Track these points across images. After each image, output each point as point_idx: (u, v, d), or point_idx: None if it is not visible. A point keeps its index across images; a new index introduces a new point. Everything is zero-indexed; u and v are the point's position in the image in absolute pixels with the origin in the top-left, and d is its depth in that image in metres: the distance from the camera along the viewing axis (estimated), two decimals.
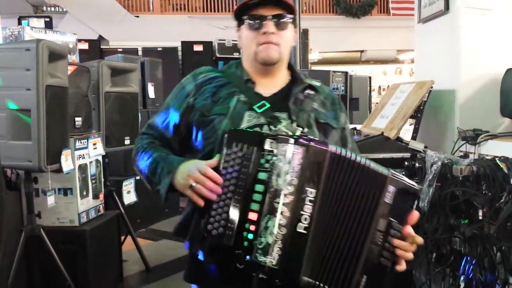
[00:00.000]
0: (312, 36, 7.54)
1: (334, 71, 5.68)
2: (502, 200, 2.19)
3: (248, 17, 1.48)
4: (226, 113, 1.43)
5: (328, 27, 11.18)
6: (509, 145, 2.46)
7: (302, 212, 1.21)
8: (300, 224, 1.21)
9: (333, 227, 1.24)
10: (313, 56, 11.33)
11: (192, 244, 1.40)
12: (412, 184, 1.30)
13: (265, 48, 1.47)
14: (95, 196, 3.39)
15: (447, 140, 2.98)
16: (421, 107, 2.98)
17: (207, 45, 8.28)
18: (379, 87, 12.47)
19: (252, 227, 1.21)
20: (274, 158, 1.23)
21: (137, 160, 1.52)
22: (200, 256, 1.36)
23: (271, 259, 1.19)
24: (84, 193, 3.25)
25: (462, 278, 2.34)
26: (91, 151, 3.35)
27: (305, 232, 1.21)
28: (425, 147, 2.80)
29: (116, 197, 3.93)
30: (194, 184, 1.28)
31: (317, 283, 1.23)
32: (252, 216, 1.22)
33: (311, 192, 1.22)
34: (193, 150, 1.50)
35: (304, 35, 6.07)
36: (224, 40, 8.19)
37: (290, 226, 1.20)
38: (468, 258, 2.32)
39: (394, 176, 1.28)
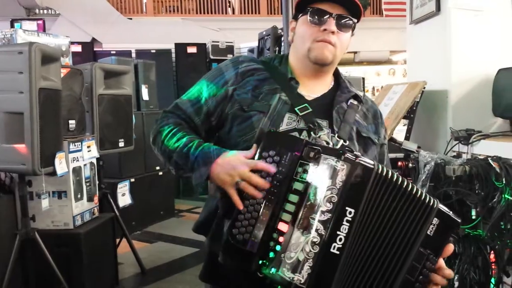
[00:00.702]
0: None
1: None
2: (495, 200, 2.21)
3: (312, 10, 1.36)
4: (267, 111, 1.34)
5: None
6: (501, 144, 2.48)
7: (338, 232, 1.13)
8: (334, 244, 1.12)
9: (367, 251, 1.17)
10: None
11: (213, 243, 1.32)
12: (456, 218, 1.23)
13: (322, 46, 1.37)
14: (90, 199, 3.38)
15: (440, 140, 2.99)
16: (414, 108, 3.00)
17: (201, 47, 8.27)
18: (373, 88, 12.48)
19: (281, 239, 1.14)
20: (314, 169, 1.15)
21: (160, 140, 1.38)
22: (220, 258, 1.26)
23: (299, 277, 1.12)
24: (79, 196, 3.24)
25: (456, 277, 2.35)
26: (85, 153, 3.34)
27: (338, 253, 1.13)
28: (418, 147, 2.82)
29: (111, 200, 3.92)
30: (240, 182, 1.19)
31: None
32: (282, 227, 1.15)
33: (350, 212, 1.13)
34: (222, 142, 1.39)
35: None
36: (218, 42, 8.19)
37: (324, 246, 1.12)
38: (462, 258, 2.34)
39: (441, 208, 1.21)
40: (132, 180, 5.05)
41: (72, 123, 3.30)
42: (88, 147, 3.37)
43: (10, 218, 3.06)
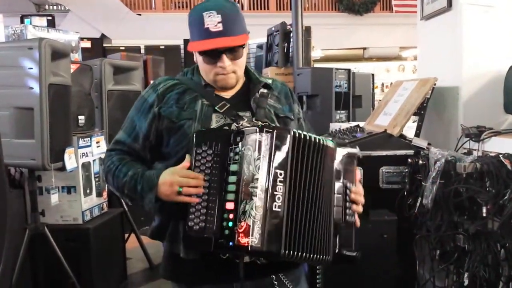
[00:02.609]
0: (315, 33, 7.51)
1: (337, 69, 5.64)
2: (506, 197, 2.18)
3: (203, 54, 1.51)
4: (194, 117, 1.49)
5: (331, 24, 11.16)
6: None
7: (275, 193, 1.29)
8: (274, 203, 1.29)
9: (303, 201, 1.35)
10: (315, 53, 11.29)
11: (172, 245, 1.49)
12: (354, 149, 1.51)
13: (223, 78, 1.52)
14: (99, 194, 3.40)
15: (451, 137, 2.97)
16: (424, 104, 2.97)
17: None
18: (382, 84, 12.44)
19: (231, 215, 1.29)
20: (242, 148, 1.32)
21: (111, 179, 1.53)
22: (182, 254, 1.43)
23: (254, 239, 1.25)
24: (88, 191, 3.26)
25: (466, 275, 2.34)
26: (95, 149, 3.36)
27: (279, 210, 1.29)
28: (429, 144, 2.79)
29: None
30: (181, 189, 1.35)
31: (299, 253, 1.32)
32: (229, 205, 1.30)
33: (280, 174, 1.30)
34: (165, 157, 1.54)
35: (306, 32, 6.04)
36: None
37: (266, 207, 1.27)
38: (472, 255, 2.32)
39: (339, 146, 1.46)
40: None
41: (81, 118, 3.31)
42: (97, 142, 3.38)
43: (20, 213, 3.08)
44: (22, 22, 8.03)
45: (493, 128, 2.67)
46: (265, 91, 1.62)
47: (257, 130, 1.32)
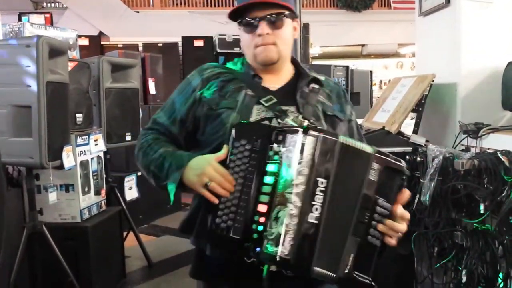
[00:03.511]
0: (313, 30, 7.51)
1: (335, 66, 5.66)
2: (503, 194, 2.19)
3: (242, 22, 1.47)
4: (235, 107, 1.42)
5: (329, 21, 11.15)
6: (510, 138, 2.46)
7: (313, 203, 1.19)
8: (311, 214, 1.18)
9: (339, 215, 1.23)
10: (314, 50, 11.29)
11: (198, 240, 1.40)
12: (397, 162, 1.29)
13: (263, 50, 1.46)
14: (97, 192, 3.39)
15: (449, 134, 2.97)
16: (423, 101, 2.97)
17: (208, 40, 8.25)
18: (380, 81, 12.44)
19: (262, 219, 1.20)
20: (283, 149, 1.22)
21: (142, 155, 1.50)
22: (207, 251, 1.36)
23: (283, 250, 1.16)
24: (86, 189, 3.25)
25: (464, 272, 2.34)
26: (93, 147, 3.35)
27: (316, 222, 1.19)
28: (427, 141, 2.80)
29: (118, 193, 3.93)
30: (209, 182, 1.27)
31: (330, 274, 1.21)
32: (262, 208, 1.21)
33: (321, 182, 1.20)
34: (200, 145, 1.48)
35: (304, 29, 6.05)
36: (225, 35, 8.16)
37: (301, 216, 1.18)
38: (470, 252, 2.32)
39: (379, 153, 1.28)
40: (139, 173, 5.05)
41: (79, 116, 3.30)
42: (95, 140, 3.37)
43: (18, 211, 3.08)
44: (19, 19, 8.01)
45: (491, 124, 2.67)
46: (316, 86, 1.53)
47: (302, 131, 1.21)
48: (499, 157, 2.24)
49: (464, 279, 2.34)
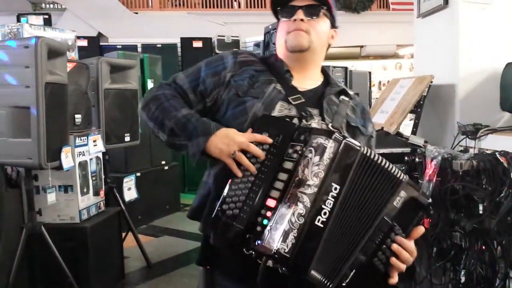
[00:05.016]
0: None
1: (334, 67, 5.65)
2: (502, 195, 2.19)
3: (281, 9, 1.50)
4: (261, 98, 1.42)
5: None
6: (509, 139, 2.46)
7: (323, 206, 1.18)
8: (319, 217, 1.18)
9: (347, 226, 1.22)
10: None
11: (206, 227, 1.38)
12: (424, 197, 1.28)
13: (294, 35, 1.46)
14: (96, 193, 3.39)
15: (447, 134, 2.98)
16: (421, 102, 2.98)
17: (207, 41, 8.25)
18: (379, 82, 12.43)
19: (269, 213, 1.19)
20: (304, 149, 1.21)
21: (154, 108, 1.43)
22: (211, 240, 1.35)
23: (284, 246, 1.15)
24: (85, 190, 3.25)
25: (462, 273, 2.34)
26: (91, 148, 3.35)
27: (322, 226, 1.18)
28: (425, 142, 2.80)
29: (117, 194, 3.93)
30: (238, 152, 1.26)
31: (325, 281, 1.20)
32: (270, 202, 1.20)
33: (335, 188, 1.19)
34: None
35: None
36: (224, 36, 8.16)
37: (309, 218, 1.17)
38: (469, 253, 2.33)
39: (410, 184, 1.27)
40: (138, 174, 5.06)
41: (78, 117, 3.30)
42: (94, 141, 3.37)
43: (17, 212, 3.08)
44: (18, 20, 7.99)
45: (489, 125, 2.67)
46: (346, 98, 1.54)
47: (326, 134, 1.22)
48: (497, 158, 2.24)
49: (462, 279, 2.34)
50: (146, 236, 4.93)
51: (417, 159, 2.58)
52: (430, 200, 1.30)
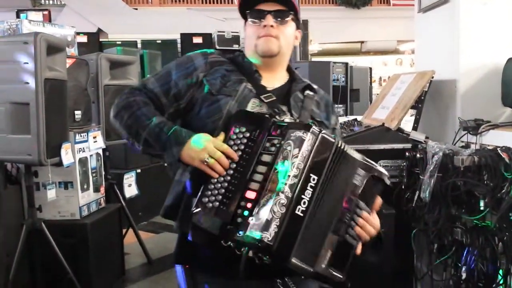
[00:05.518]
0: (312, 27, 7.51)
1: (335, 62, 5.65)
2: (503, 190, 2.18)
3: (251, 12, 1.54)
4: (234, 96, 1.47)
5: (328, 18, 11.13)
6: (510, 135, 2.45)
7: (302, 196, 1.24)
8: (299, 206, 1.23)
9: (322, 213, 1.29)
10: (313, 47, 11.29)
11: (182, 224, 1.42)
12: (381, 171, 1.37)
13: (265, 40, 1.51)
14: (96, 190, 3.39)
15: (448, 130, 2.97)
16: (422, 98, 2.97)
17: (207, 37, 8.24)
18: (380, 78, 12.44)
19: (249, 205, 1.23)
20: (282, 142, 1.27)
21: (126, 116, 1.45)
22: (189, 236, 1.35)
23: (267, 235, 1.19)
24: (85, 186, 3.25)
25: (463, 269, 2.34)
26: (91, 144, 3.34)
27: (302, 215, 1.24)
28: (426, 137, 2.79)
29: (117, 190, 3.93)
30: (209, 159, 1.30)
31: (305, 267, 1.25)
32: (250, 194, 1.25)
33: (313, 179, 1.25)
34: (192, 126, 1.48)
35: (304, 26, 6.04)
36: (224, 31, 8.15)
37: (290, 207, 1.22)
38: (470, 249, 2.32)
39: (366, 162, 1.36)
40: (138, 170, 5.05)
41: (78, 113, 3.29)
42: (94, 137, 3.37)
43: (17, 209, 3.08)
44: (18, 16, 7.98)
45: (490, 121, 2.67)
46: (311, 93, 1.61)
47: (304, 128, 1.28)
48: (499, 154, 2.23)
49: (463, 275, 2.34)
50: (147, 233, 4.93)
51: (418, 155, 2.57)
52: (386, 173, 1.38)
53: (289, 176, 1.23)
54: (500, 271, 2.28)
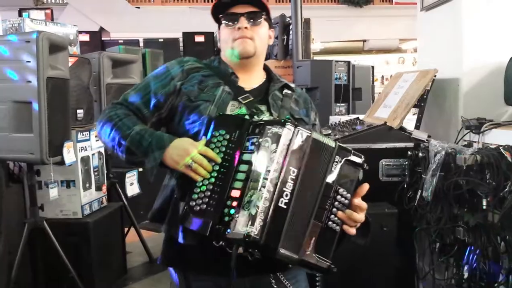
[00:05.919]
0: (314, 25, 7.48)
1: (337, 61, 5.63)
2: (506, 189, 2.17)
3: (224, 16, 1.59)
4: (212, 100, 1.51)
5: (330, 16, 11.11)
6: None
7: (284, 189, 1.29)
8: (281, 199, 1.28)
9: (304, 202, 1.32)
10: (315, 46, 11.25)
11: (170, 228, 1.48)
12: (357, 155, 1.40)
13: (240, 42, 1.56)
14: (98, 188, 3.39)
15: (451, 129, 2.96)
16: (425, 96, 2.96)
17: (209, 35, 8.24)
18: (382, 77, 12.41)
19: (234, 203, 1.27)
20: (260, 140, 1.31)
21: (109, 129, 1.48)
22: (180, 239, 1.40)
23: (253, 229, 1.23)
24: (87, 185, 3.25)
25: (465, 268, 2.33)
26: (93, 143, 3.35)
27: (285, 207, 1.28)
28: (429, 136, 2.79)
29: (119, 189, 3.93)
30: (191, 162, 1.33)
31: (291, 255, 1.29)
32: (235, 193, 1.29)
33: (293, 171, 1.30)
34: (176, 133, 1.51)
35: (306, 25, 6.02)
36: None
37: (273, 201, 1.27)
38: (472, 248, 2.32)
39: (341, 148, 1.39)
40: (140, 169, 5.05)
41: (80, 112, 3.30)
42: (96, 136, 3.36)
43: (19, 207, 3.08)
44: (20, 15, 7.99)
45: (493, 120, 2.65)
46: (289, 92, 1.65)
47: (280, 124, 1.32)
48: (501, 153, 2.22)
49: (466, 275, 2.33)
50: (149, 231, 4.92)
51: (420, 154, 2.57)
52: (363, 157, 1.41)
53: (269, 171, 1.28)
54: (502, 271, 2.27)
